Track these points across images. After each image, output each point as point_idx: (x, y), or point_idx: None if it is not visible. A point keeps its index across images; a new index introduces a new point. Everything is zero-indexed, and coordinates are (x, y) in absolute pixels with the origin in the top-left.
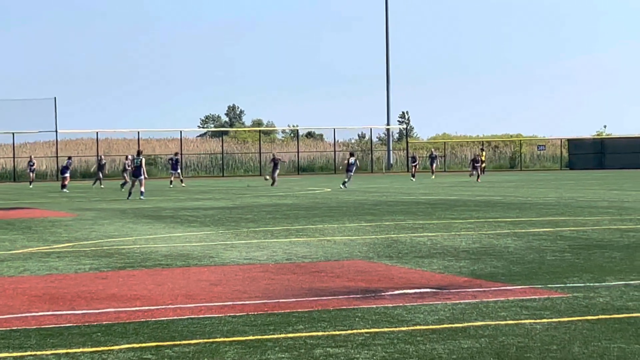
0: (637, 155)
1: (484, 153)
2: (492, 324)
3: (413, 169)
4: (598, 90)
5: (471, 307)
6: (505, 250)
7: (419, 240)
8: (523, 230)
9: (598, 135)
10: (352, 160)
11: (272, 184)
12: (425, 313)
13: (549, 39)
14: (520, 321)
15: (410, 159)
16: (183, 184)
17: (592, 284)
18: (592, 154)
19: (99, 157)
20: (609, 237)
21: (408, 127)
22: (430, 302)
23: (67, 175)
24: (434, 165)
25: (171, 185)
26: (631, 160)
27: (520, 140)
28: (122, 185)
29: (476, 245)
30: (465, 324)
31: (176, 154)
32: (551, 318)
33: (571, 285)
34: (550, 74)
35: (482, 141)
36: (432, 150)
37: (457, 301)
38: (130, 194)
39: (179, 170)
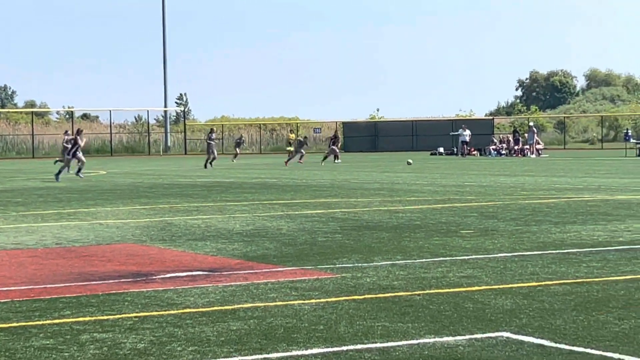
0: (409, 138)
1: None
2: (261, 305)
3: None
4: (371, 74)
5: (242, 289)
6: (278, 232)
7: (193, 223)
8: (296, 212)
9: (372, 118)
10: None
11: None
12: (195, 296)
13: (317, 22)
14: (289, 302)
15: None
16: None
17: (360, 264)
18: (366, 137)
19: None
20: (378, 218)
21: (186, 110)
22: (202, 285)
23: None
24: (239, 148)
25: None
26: (403, 143)
27: (297, 123)
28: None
29: (250, 228)
30: (235, 306)
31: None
32: (319, 298)
33: (340, 265)
34: (325, 57)
35: (260, 124)
36: (241, 134)
37: (228, 283)
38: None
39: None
